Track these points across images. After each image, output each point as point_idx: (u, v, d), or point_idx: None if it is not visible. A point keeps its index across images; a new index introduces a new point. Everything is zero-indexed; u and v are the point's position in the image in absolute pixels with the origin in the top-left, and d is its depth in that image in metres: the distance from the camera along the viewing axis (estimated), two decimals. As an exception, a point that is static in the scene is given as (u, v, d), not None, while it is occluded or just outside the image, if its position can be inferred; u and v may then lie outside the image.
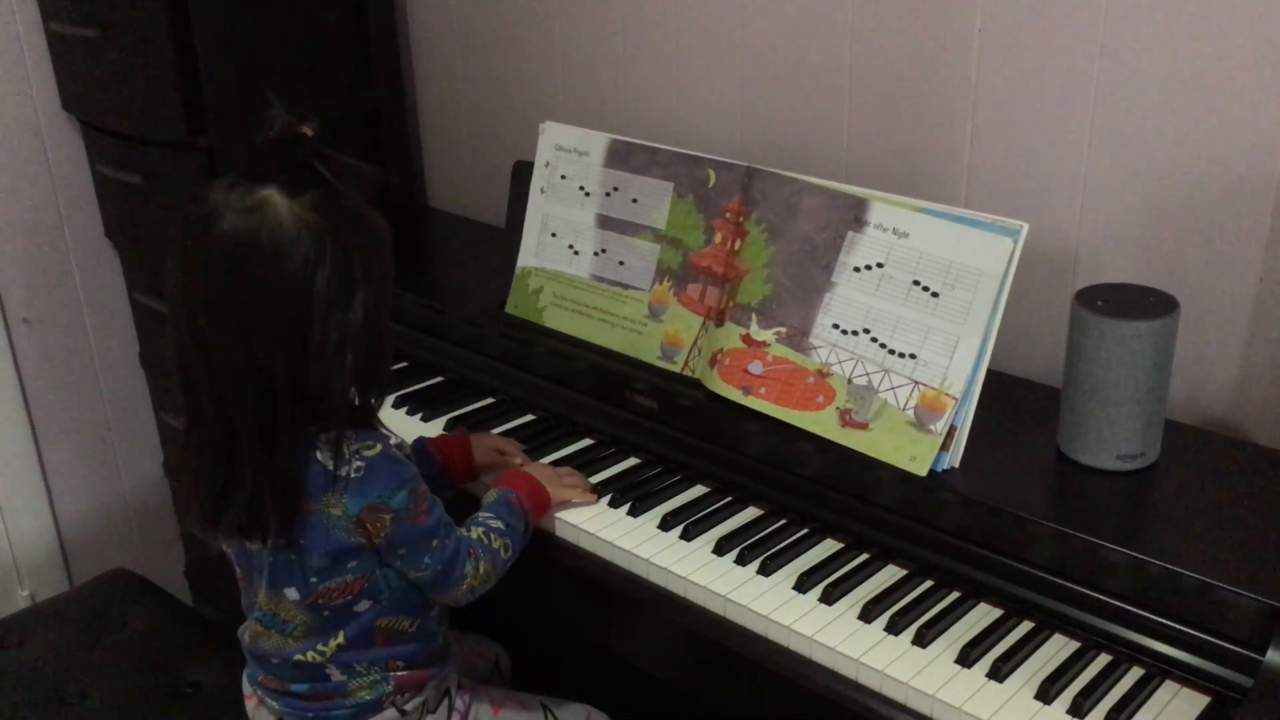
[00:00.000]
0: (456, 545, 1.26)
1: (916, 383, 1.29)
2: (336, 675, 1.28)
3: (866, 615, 1.20)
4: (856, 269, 1.35)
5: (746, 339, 1.42)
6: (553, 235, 1.64)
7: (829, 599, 1.23)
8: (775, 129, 1.74)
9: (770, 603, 1.23)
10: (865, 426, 1.32)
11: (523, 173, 1.68)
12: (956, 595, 1.24)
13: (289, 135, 1.15)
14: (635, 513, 1.38)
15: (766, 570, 1.27)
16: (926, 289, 1.30)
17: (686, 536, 1.34)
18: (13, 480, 2.24)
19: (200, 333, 1.12)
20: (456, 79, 2.19)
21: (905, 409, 1.30)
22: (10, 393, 2.19)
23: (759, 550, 1.30)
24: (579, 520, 1.38)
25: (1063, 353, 1.28)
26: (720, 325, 1.46)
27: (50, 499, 2.31)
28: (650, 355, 1.53)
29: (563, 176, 1.63)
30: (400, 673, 1.30)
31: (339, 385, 1.15)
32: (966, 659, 1.15)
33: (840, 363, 1.35)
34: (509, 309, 1.68)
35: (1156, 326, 1.21)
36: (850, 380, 1.34)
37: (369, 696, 1.29)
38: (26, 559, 2.29)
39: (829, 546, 1.32)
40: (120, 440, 2.40)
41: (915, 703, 1.11)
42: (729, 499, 1.41)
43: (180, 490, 1.24)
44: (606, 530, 1.35)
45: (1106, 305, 1.23)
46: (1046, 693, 1.10)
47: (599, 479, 1.45)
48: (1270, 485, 1.25)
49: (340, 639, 1.26)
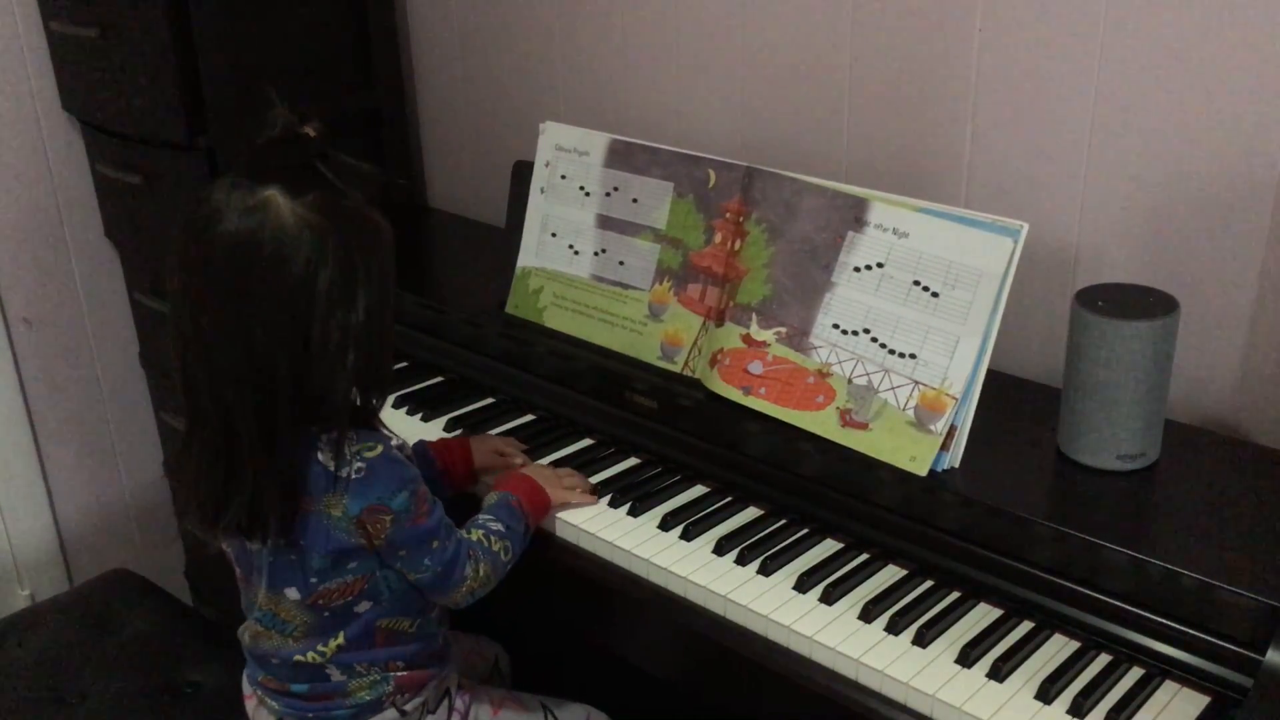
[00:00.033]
0: (457, 547, 1.26)
1: (916, 383, 1.30)
2: (336, 675, 1.28)
3: (866, 615, 1.20)
4: (856, 269, 1.35)
5: (746, 339, 1.42)
6: (553, 235, 1.64)
7: (829, 599, 1.23)
8: (775, 129, 1.74)
9: (770, 603, 1.23)
10: (865, 426, 1.32)
11: (523, 173, 1.68)
12: (956, 595, 1.24)
13: (291, 136, 1.15)
14: (635, 513, 1.38)
15: (766, 570, 1.27)
16: (926, 289, 1.30)
17: (686, 536, 1.34)
18: (13, 480, 2.24)
19: (202, 333, 1.12)
20: (456, 79, 2.19)
21: (905, 409, 1.30)
22: (10, 393, 2.19)
23: (759, 550, 1.30)
24: (579, 520, 1.38)
25: (1063, 353, 1.28)
26: (720, 325, 1.46)
27: (50, 499, 2.31)
28: (650, 355, 1.53)
29: (563, 176, 1.63)
30: (400, 673, 1.30)
31: (340, 386, 1.15)
32: (966, 659, 1.15)
33: (840, 363, 1.35)
34: (509, 309, 1.68)
35: (1156, 326, 1.21)
36: (850, 380, 1.34)
37: (369, 696, 1.29)
38: (26, 559, 2.29)
39: (829, 546, 1.33)
40: (120, 440, 2.40)
41: (915, 703, 1.11)
42: (729, 499, 1.41)
43: (180, 490, 1.24)
44: (606, 530, 1.35)
45: (1106, 305, 1.23)
46: (1046, 693, 1.10)
47: (599, 479, 1.45)
48: (1270, 485, 1.25)
49: (340, 639, 1.26)
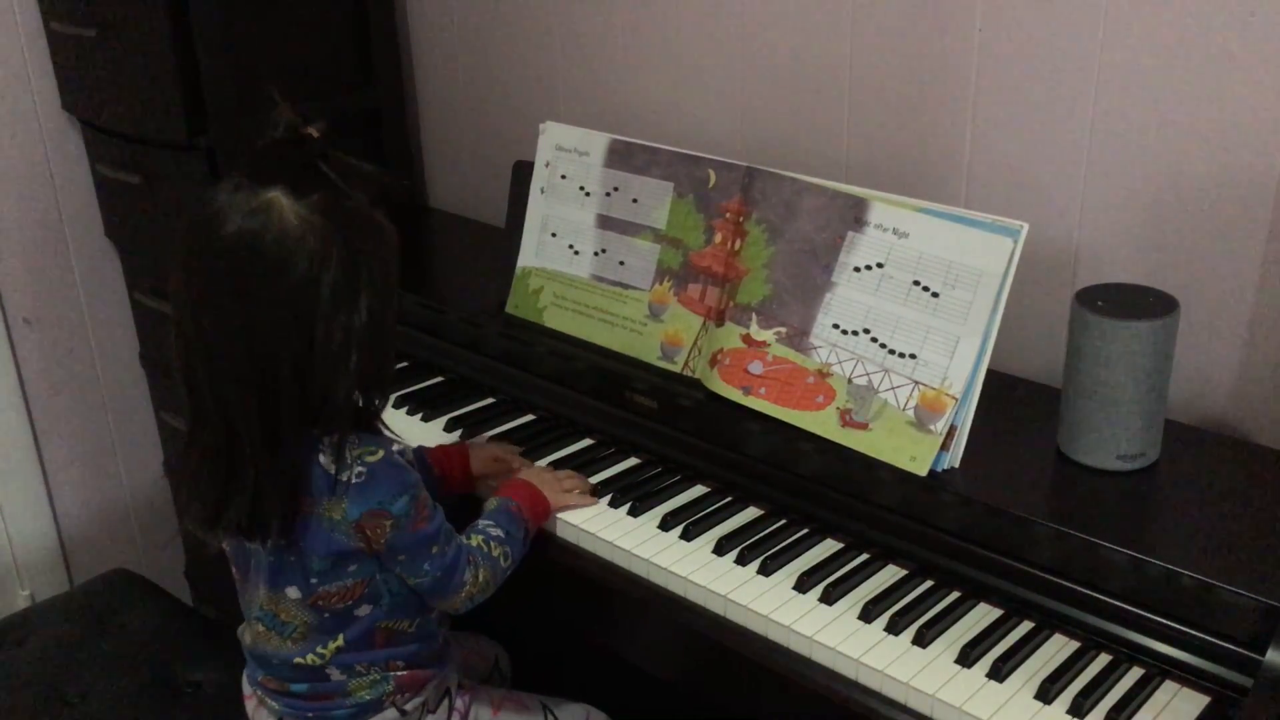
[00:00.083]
0: (456, 553, 1.26)
1: (916, 383, 1.30)
2: (336, 675, 1.28)
3: (866, 615, 1.20)
4: (856, 269, 1.35)
5: (747, 339, 1.42)
6: (553, 235, 1.64)
7: (829, 599, 1.23)
8: (775, 129, 1.74)
9: (770, 603, 1.23)
10: (865, 426, 1.32)
11: (523, 173, 1.68)
12: (956, 595, 1.24)
13: (294, 136, 1.15)
14: (635, 513, 1.38)
15: (766, 570, 1.27)
16: (926, 289, 1.30)
17: (686, 536, 1.34)
18: (13, 480, 2.24)
19: (204, 333, 1.12)
20: (456, 79, 2.19)
21: (905, 409, 1.30)
22: (10, 393, 2.19)
23: (759, 550, 1.30)
24: (579, 520, 1.38)
25: (1063, 353, 1.28)
26: (720, 325, 1.46)
27: (50, 499, 2.31)
28: (650, 355, 1.53)
29: (563, 176, 1.63)
30: (400, 673, 1.30)
31: (343, 387, 1.14)
32: (966, 659, 1.15)
33: (840, 363, 1.35)
34: (509, 309, 1.68)
35: (1156, 326, 1.21)
36: (850, 380, 1.34)
37: (369, 696, 1.29)
38: (26, 559, 2.29)
39: (829, 546, 1.33)
40: (120, 440, 2.40)
41: (915, 702, 1.11)
42: (729, 499, 1.41)
43: (181, 490, 1.24)
44: (607, 530, 1.35)
45: (1106, 305, 1.23)
46: (1046, 693, 1.10)
47: (599, 479, 1.45)
48: (1270, 485, 1.25)
49: (340, 641, 1.26)
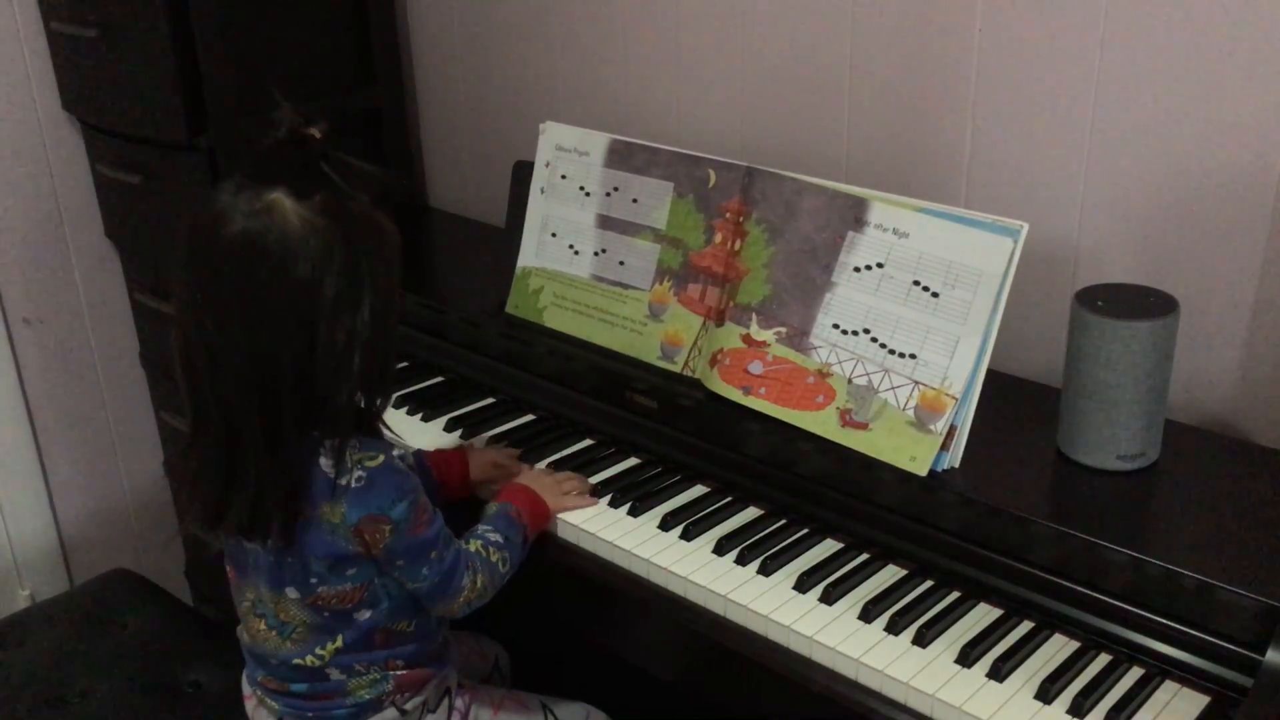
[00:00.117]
0: (455, 557, 1.26)
1: (916, 383, 1.30)
2: (336, 675, 1.28)
3: (866, 615, 1.20)
4: (856, 269, 1.35)
5: (746, 339, 1.42)
6: (553, 235, 1.64)
7: (829, 599, 1.23)
8: (775, 129, 1.74)
9: (770, 603, 1.23)
10: (865, 426, 1.32)
11: (523, 173, 1.68)
12: (956, 595, 1.24)
13: (297, 137, 1.15)
14: (635, 513, 1.38)
15: (766, 570, 1.27)
16: (926, 289, 1.30)
17: (686, 536, 1.34)
18: (13, 480, 2.24)
19: (206, 334, 1.12)
20: (456, 79, 2.19)
21: (905, 409, 1.30)
22: (10, 393, 2.19)
23: (759, 550, 1.30)
24: (579, 520, 1.38)
25: (1063, 353, 1.28)
26: (720, 325, 1.46)
27: (50, 499, 2.31)
28: (650, 355, 1.53)
29: (563, 176, 1.63)
30: (400, 672, 1.30)
31: (345, 388, 1.14)
32: (966, 659, 1.15)
33: (840, 363, 1.35)
34: (509, 309, 1.68)
35: (1156, 326, 1.21)
36: (850, 380, 1.34)
37: (369, 696, 1.29)
38: (26, 559, 2.29)
39: (829, 546, 1.33)
40: (120, 440, 2.40)
41: (915, 702, 1.11)
42: (729, 499, 1.41)
43: (182, 490, 1.24)
44: (607, 530, 1.35)
45: (1106, 305, 1.23)
46: (1046, 693, 1.10)
47: (599, 479, 1.45)
48: (1270, 485, 1.25)
49: (339, 642, 1.26)
